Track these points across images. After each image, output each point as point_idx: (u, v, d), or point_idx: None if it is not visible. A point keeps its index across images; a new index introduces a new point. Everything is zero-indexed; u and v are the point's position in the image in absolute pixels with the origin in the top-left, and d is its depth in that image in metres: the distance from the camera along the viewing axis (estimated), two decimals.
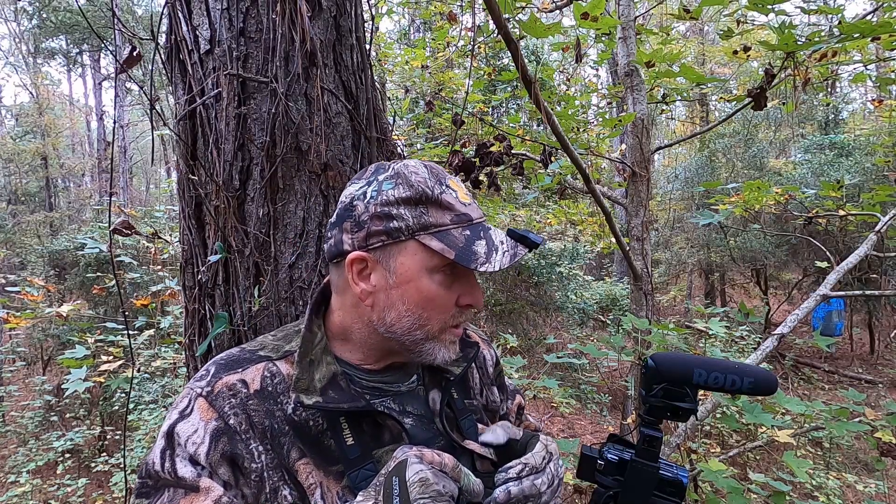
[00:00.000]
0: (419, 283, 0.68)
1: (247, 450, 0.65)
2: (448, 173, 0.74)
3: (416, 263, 0.68)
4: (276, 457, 0.66)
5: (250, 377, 0.70)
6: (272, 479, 0.65)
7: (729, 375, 0.68)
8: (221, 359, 0.73)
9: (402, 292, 0.68)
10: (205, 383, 0.69)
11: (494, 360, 0.95)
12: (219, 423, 0.66)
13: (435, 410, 0.78)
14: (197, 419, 0.66)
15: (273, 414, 0.68)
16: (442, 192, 0.69)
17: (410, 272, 0.68)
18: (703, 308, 3.06)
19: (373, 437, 0.70)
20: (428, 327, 0.69)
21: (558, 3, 3.15)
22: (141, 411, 4.67)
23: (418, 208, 0.67)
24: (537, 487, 0.67)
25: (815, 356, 8.59)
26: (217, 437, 0.65)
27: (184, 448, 0.65)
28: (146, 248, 5.26)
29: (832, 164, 8.45)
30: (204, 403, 0.67)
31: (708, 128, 3.52)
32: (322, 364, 0.71)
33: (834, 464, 4.36)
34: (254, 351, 0.74)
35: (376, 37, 4.84)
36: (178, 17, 1.06)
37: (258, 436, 0.66)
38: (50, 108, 15.96)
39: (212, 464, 0.64)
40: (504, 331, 6.85)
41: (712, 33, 14.28)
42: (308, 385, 0.68)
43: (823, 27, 3.13)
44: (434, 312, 0.69)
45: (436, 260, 0.68)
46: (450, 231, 0.68)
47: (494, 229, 0.73)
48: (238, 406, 0.67)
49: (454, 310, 0.71)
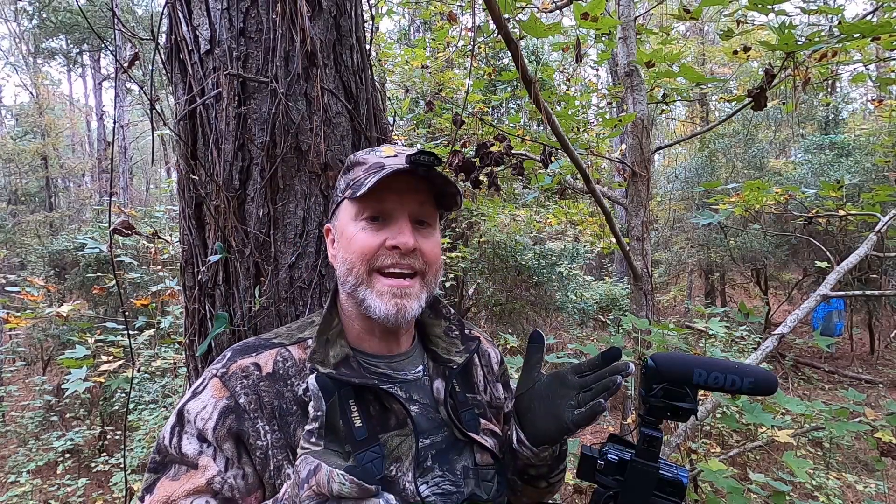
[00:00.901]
0: (347, 233, 0.77)
1: (253, 428, 0.68)
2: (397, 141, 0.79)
3: (346, 216, 0.78)
4: (283, 436, 0.69)
5: (263, 361, 0.74)
6: (276, 458, 0.68)
7: (729, 375, 0.68)
8: (238, 346, 0.77)
9: (342, 244, 0.78)
10: (220, 365, 0.73)
11: (499, 359, 0.97)
12: (229, 402, 0.69)
13: (439, 400, 0.80)
14: (208, 397, 0.70)
15: (282, 395, 0.72)
16: (367, 155, 0.80)
17: (343, 225, 0.78)
18: (703, 308, 3.06)
19: (380, 420, 0.73)
20: (355, 270, 0.75)
21: (558, 3, 3.15)
22: (141, 411, 4.67)
23: (347, 174, 0.80)
24: None
25: (815, 356, 8.58)
26: (225, 414, 0.68)
27: (193, 424, 0.68)
28: (146, 248, 5.26)
29: (832, 164, 8.45)
30: (217, 383, 0.71)
31: (708, 128, 3.51)
32: (336, 345, 0.76)
33: (834, 464, 4.36)
34: (268, 339, 0.78)
35: (376, 37, 4.83)
36: (178, 17, 1.06)
37: (266, 415, 0.69)
38: (50, 108, 15.95)
39: (218, 439, 0.67)
40: (504, 331, 6.85)
41: (712, 33, 14.28)
42: (323, 359, 0.72)
43: (823, 27, 3.13)
44: (358, 256, 0.75)
45: (355, 207, 0.76)
46: (361, 181, 0.75)
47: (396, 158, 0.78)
48: (249, 387, 0.70)
49: (381, 251, 0.75)
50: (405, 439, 0.73)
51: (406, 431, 0.73)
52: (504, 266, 6.79)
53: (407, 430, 0.73)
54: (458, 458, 0.77)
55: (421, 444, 0.74)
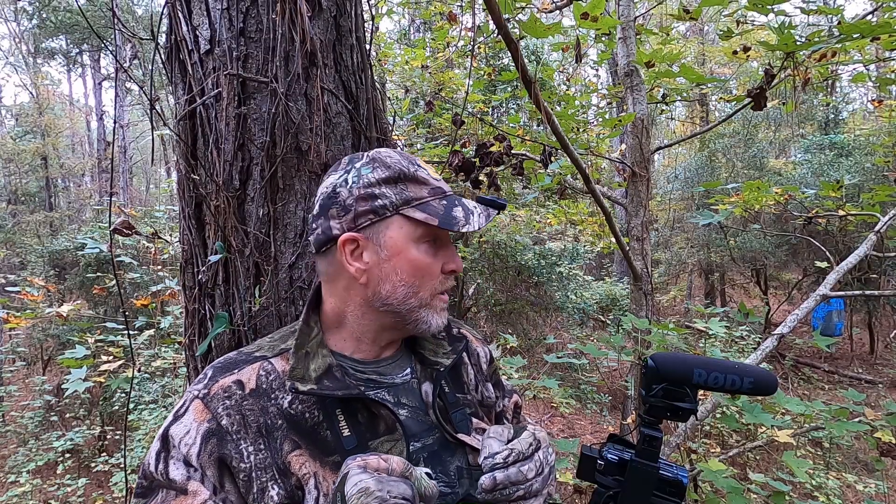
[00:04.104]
0: (408, 254, 0.73)
1: (236, 450, 0.67)
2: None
3: (404, 235, 0.73)
4: (270, 455, 0.67)
5: (246, 377, 0.72)
6: (260, 480, 0.66)
7: (729, 375, 0.68)
8: (219, 363, 0.75)
9: (394, 264, 0.73)
10: (202, 386, 0.71)
11: (489, 357, 0.96)
12: (210, 425, 0.67)
13: (428, 403, 0.79)
14: (190, 420, 0.68)
15: (267, 410, 0.70)
16: (416, 169, 0.76)
17: (399, 244, 0.73)
18: (703, 308, 3.06)
19: (368, 427, 0.72)
20: (420, 294, 0.74)
21: (558, 3, 3.15)
22: (141, 411, 4.68)
23: (398, 185, 0.74)
24: (524, 474, 0.67)
25: (815, 356, 8.59)
26: (207, 439, 0.67)
27: (178, 449, 0.67)
28: (146, 248, 5.26)
29: (832, 164, 8.46)
30: (199, 405, 0.69)
31: (708, 128, 3.51)
32: (318, 356, 0.74)
33: (834, 464, 4.36)
34: (250, 353, 0.77)
35: (376, 37, 4.84)
36: (178, 17, 1.06)
37: (252, 435, 0.68)
38: (50, 108, 15.95)
39: (202, 465, 0.66)
40: (504, 331, 6.85)
41: (712, 33, 14.28)
42: (303, 374, 0.71)
43: (823, 27, 3.13)
44: (424, 280, 0.74)
45: (420, 230, 0.73)
46: (429, 202, 0.73)
47: (465, 199, 0.78)
48: (233, 407, 0.69)
49: (441, 276, 0.76)
50: (395, 444, 0.72)
51: (396, 436, 0.73)
52: (504, 266, 6.80)
53: (397, 434, 0.73)
54: (451, 459, 0.77)
55: (412, 447, 0.74)
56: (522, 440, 0.70)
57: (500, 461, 0.67)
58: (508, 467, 0.67)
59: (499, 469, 0.67)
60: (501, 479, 0.66)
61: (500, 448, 0.70)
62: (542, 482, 0.69)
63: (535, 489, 0.68)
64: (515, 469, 0.67)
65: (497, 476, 0.66)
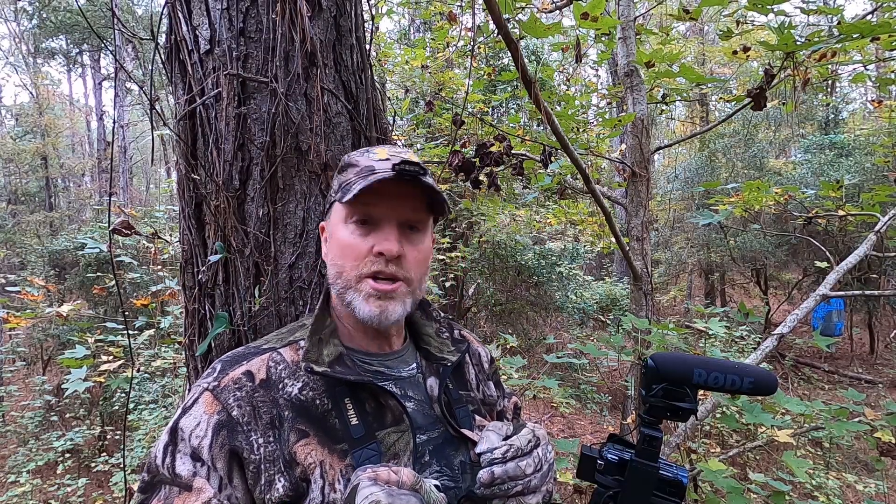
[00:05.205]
0: (338, 235, 0.77)
1: (247, 441, 0.66)
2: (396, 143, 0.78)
3: (337, 218, 0.78)
4: (278, 446, 0.67)
5: (256, 367, 0.73)
6: (268, 472, 0.66)
7: (729, 375, 0.68)
8: (227, 356, 0.76)
9: (331, 246, 0.79)
10: (212, 378, 0.71)
11: (489, 358, 0.97)
12: (221, 416, 0.67)
13: (433, 397, 0.80)
14: (200, 412, 0.68)
15: (277, 402, 0.70)
16: (360, 156, 0.79)
17: (334, 226, 0.79)
18: (703, 308, 3.06)
19: (376, 417, 0.73)
20: (345, 274, 0.76)
21: (558, 3, 3.15)
22: (141, 411, 4.68)
23: (339, 175, 0.80)
24: (522, 469, 0.67)
25: (815, 356, 8.59)
26: (218, 430, 0.66)
27: (187, 443, 0.66)
28: (146, 248, 5.26)
29: (832, 164, 8.46)
30: (209, 397, 0.69)
31: (708, 128, 3.51)
32: (330, 344, 0.75)
33: (834, 464, 4.36)
34: (258, 346, 0.78)
35: (376, 37, 4.83)
36: (178, 17, 1.06)
37: (263, 427, 0.68)
38: (50, 108, 15.95)
39: (213, 457, 0.66)
40: (504, 331, 6.85)
41: (712, 33, 14.28)
42: (317, 357, 0.72)
43: (823, 27, 3.13)
44: (346, 259, 0.75)
45: (345, 210, 0.76)
46: (350, 183, 0.75)
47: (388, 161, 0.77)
48: (243, 398, 0.69)
49: (369, 257, 0.75)
50: (402, 435, 0.73)
51: (403, 427, 0.73)
52: (504, 266, 6.80)
53: (404, 426, 0.73)
54: (454, 453, 0.77)
55: (418, 439, 0.74)
56: (521, 436, 0.71)
57: (498, 456, 0.68)
58: (507, 462, 0.67)
59: (497, 464, 0.67)
60: (500, 473, 0.67)
61: (498, 442, 0.70)
62: (540, 478, 0.69)
63: (533, 485, 0.68)
64: (514, 464, 0.67)
65: (495, 470, 0.67)
